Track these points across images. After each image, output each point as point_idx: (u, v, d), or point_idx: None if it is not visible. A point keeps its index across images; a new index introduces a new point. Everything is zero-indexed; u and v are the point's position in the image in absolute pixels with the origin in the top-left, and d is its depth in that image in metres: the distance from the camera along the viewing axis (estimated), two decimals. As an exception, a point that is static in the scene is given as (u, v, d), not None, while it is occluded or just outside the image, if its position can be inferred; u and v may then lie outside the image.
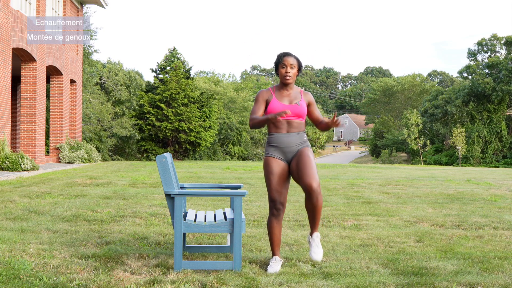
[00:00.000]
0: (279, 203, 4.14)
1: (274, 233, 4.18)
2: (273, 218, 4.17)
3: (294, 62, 4.20)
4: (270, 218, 4.19)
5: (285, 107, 4.16)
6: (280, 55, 4.24)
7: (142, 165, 19.36)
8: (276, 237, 4.19)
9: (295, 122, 4.18)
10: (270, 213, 4.20)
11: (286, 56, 4.20)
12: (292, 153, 4.18)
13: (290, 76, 4.18)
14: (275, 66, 4.28)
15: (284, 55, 4.22)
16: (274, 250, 4.21)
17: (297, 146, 4.18)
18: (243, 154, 46.57)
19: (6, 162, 13.98)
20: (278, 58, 4.23)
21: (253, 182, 11.76)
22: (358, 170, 18.07)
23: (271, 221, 4.19)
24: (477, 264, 4.32)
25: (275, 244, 4.20)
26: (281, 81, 4.24)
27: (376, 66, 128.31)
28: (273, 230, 4.18)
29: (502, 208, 7.97)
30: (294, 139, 4.18)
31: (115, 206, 7.48)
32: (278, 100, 4.20)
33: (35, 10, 17.53)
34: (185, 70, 30.92)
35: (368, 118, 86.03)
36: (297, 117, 4.18)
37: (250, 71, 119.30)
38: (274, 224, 4.18)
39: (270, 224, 4.19)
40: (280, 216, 4.18)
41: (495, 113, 48.88)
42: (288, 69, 4.19)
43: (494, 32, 72.70)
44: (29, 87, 17.45)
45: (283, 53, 4.24)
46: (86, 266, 4.08)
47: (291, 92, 4.24)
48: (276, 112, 4.07)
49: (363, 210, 7.57)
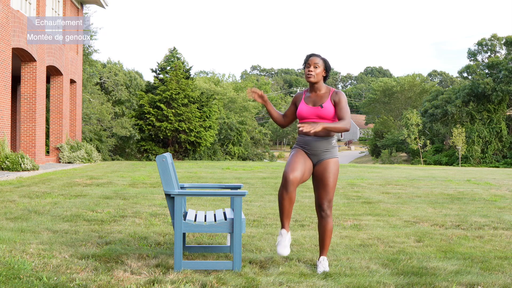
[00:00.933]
0: (292, 176, 4.00)
1: (283, 204, 4.07)
2: (283, 189, 4.05)
3: (318, 61, 4.20)
4: (280, 189, 4.08)
5: (309, 109, 4.15)
6: (307, 55, 4.28)
7: (142, 165, 19.36)
8: (285, 208, 4.08)
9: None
10: (281, 184, 4.10)
11: (312, 57, 4.24)
12: (317, 157, 4.17)
13: (311, 74, 4.17)
14: (302, 68, 4.36)
15: (310, 55, 4.26)
16: (283, 222, 4.13)
17: (323, 153, 4.16)
18: (243, 154, 46.58)
19: (6, 162, 13.98)
20: (304, 60, 4.29)
21: (253, 182, 11.76)
22: (358, 170, 18.06)
23: (281, 192, 4.07)
24: (477, 264, 4.32)
25: (284, 216, 4.11)
26: (307, 81, 4.28)
27: (376, 66, 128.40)
28: (282, 201, 4.07)
29: (502, 208, 7.97)
30: (321, 145, 4.15)
31: (115, 206, 7.48)
32: (305, 103, 4.22)
33: (35, 10, 17.53)
34: (185, 70, 30.93)
35: (368, 118, 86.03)
36: (321, 120, 4.11)
37: (250, 71, 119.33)
38: (283, 195, 4.05)
39: (280, 194, 4.09)
40: (290, 189, 4.02)
41: (495, 113, 48.87)
42: (312, 68, 4.19)
43: (494, 32, 72.77)
44: (29, 87, 17.45)
45: (310, 54, 4.28)
46: (86, 266, 4.08)
47: (318, 94, 4.22)
48: (303, 116, 4.19)
49: (363, 210, 7.57)
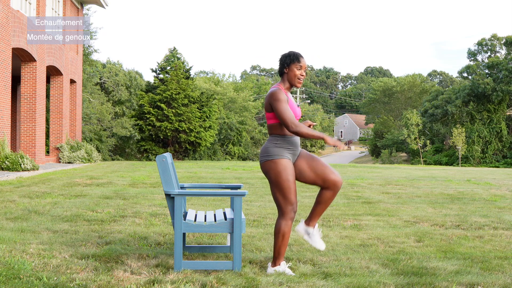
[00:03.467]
0: (296, 205, 3.98)
1: (289, 237, 3.98)
2: (290, 222, 3.94)
3: (306, 66, 4.02)
4: (288, 223, 3.93)
5: (298, 111, 4.04)
6: (297, 54, 3.95)
7: (142, 165, 19.36)
8: (288, 239, 4.00)
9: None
10: (287, 217, 3.93)
11: (302, 57, 3.95)
12: (296, 156, 4.09)
13: (302, 79, 3.96)
14: (286, 64, 3.95)
15: (300, 55, 3.95)
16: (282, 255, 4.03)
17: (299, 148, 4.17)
18: (243, 154, 46.60)
19: (6, 162, 13.98)
20: (294, 57, 3.93)
21: (253, 182, 11.76)
22: (358, 170, 18.06)
23: (289, 226, 3.94)
24: (477, 264, 4.32)
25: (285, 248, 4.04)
26: (289, 82, 3.97)
27: (376, 66, 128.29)
28: (289, 235, 3.96)
29: (502, 208, 7.97)
30: (300, 141, 4.17)
31: (115, 206, 7.48)
32: (293, 102, 4.01)
33: (35, 10, 17.53)
34: (185, 70, 30.92)
35: (368, 118, 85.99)
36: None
37: (250, 71, 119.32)
38: (290, 228, 3.97)
39: (288, 228, 3.94)
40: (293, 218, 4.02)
41: (495, 113, 48.86)
42: (303, 71, 3.95)
43: (494, 32, 72.70)
44: (29, 87, 17.45)
45: (298, 53, 3.96)
46: (86, 266, 4.08)
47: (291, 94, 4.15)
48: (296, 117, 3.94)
49: (363, 210, 7.57)
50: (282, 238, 3.95)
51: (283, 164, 3.92)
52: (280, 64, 4.02)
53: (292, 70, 3.95)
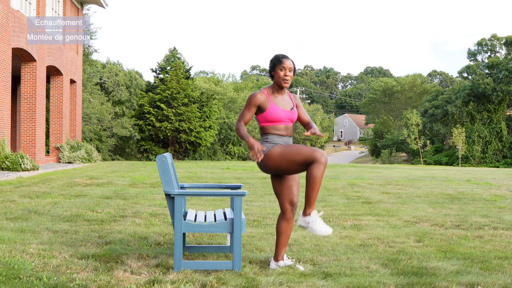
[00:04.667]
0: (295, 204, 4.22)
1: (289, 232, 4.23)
2: (292, 219, 4.20)
3: (292, 66, 4.07)
4: (290, 221, 4.20)
5: (285, 113, 4.07)
6: (279, 56, 4.09)
7: (142, 165, 19.36)
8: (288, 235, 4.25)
9: (290, 127, 4.14)
10: (288, 216, 4.18)
11: (285, 58, 4.06)
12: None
13: (288, 79, 4.06)
14: (272, 67, 4.11)
15: (283, 57, 4.08)
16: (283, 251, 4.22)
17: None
18: (243, 154, 46.58)
19: (6, 162, 13.98)
20: (277, 59, 4.08)
21: (253, 182, 11.76)
22: (358, 170, 18.06)
23: (291, 222, 4.21)
24: (477, 264, 4.32)
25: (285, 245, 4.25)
26: (277, 84, 4.10)
27: (376, 66, 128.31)
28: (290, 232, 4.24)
29: (502, 208, 7.97)
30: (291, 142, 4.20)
31: (115, 206, 7.48)
32: (277, 105, 4.07)
33: (35, 10, 17.53)
34: (185, 70, 30.92)
35: (368, 118, 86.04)
36: (292, 122, 4.15)
37: (250, 71, 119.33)
38: (291, 225, 4.22)
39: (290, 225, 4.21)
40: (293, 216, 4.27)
41: (495, 113, 48.88)
42: (287, 71, 4.05)
43: (494, 32, 72.73)
44: (29, 87, 17.45)
45: (282, 55, 4.10)
46: (86, 266, 4.08)
47: (284, 96, 4.16)
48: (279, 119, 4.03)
49: (363, 210, 7.57)
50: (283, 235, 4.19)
51: (279, 145, 4.01)
52: (268, 68, 4.21)
53: (277, 72, 4.08)
